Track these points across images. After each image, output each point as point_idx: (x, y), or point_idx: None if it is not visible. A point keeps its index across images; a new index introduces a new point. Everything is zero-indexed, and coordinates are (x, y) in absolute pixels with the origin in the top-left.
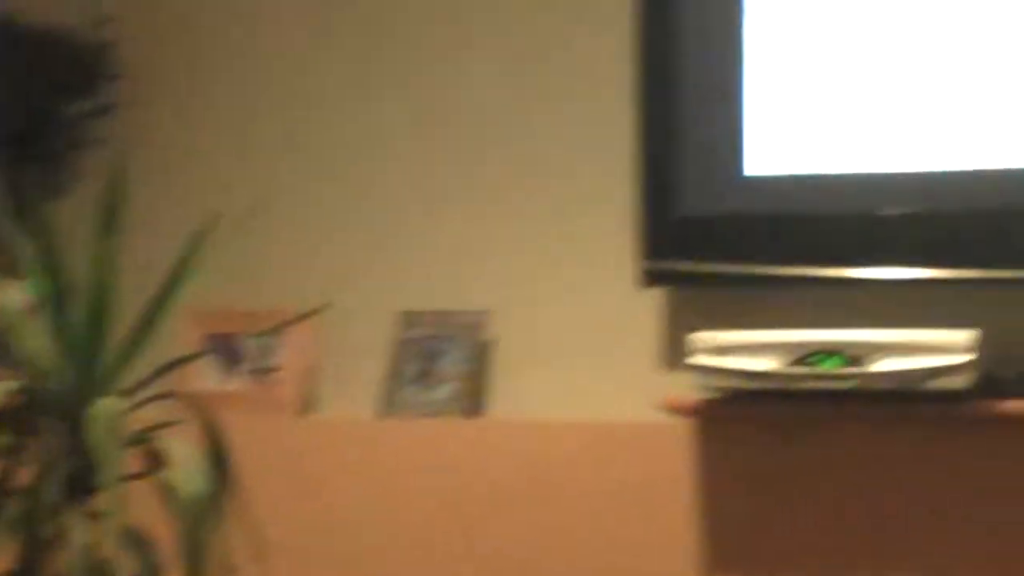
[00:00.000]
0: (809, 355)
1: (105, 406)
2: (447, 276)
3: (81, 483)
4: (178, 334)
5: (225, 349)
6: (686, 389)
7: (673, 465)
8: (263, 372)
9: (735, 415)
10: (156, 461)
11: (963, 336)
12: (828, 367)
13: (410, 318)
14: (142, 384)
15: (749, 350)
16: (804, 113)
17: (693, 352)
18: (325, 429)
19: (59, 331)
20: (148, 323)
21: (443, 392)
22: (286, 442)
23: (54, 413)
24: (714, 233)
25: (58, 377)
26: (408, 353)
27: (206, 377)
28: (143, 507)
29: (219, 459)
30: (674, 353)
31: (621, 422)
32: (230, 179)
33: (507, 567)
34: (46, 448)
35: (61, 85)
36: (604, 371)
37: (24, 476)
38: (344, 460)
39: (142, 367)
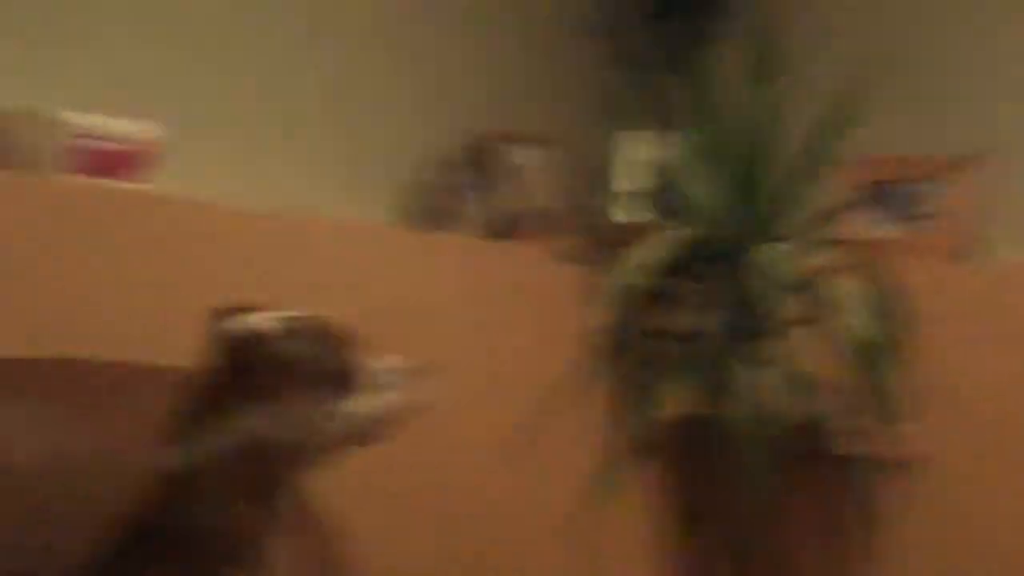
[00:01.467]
0: None
1: (767, 252)
2: None
3: (745, 329)
4: (836, 180)
5: (883, 195)
6: None
7: None
8: (921, 218)
9: None
10: (820, 306)
11: None
12: None
13: None
14: (802, 230)
15: None
16: None
17: None
18: (987, 276)
19: (718, 179)
20: (806, 170)
21: None
22: (946, 289)
23: (717, 260)
24: None
25: (719, 225)
26: None
27: (864, 223)
28: (808, 351)
29: (887, 304)
30: None
31: None
32: (891, 19)
33: None
34: (710, 294)
35: None
36: None
37: (689, 322)
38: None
39: (801, 213)
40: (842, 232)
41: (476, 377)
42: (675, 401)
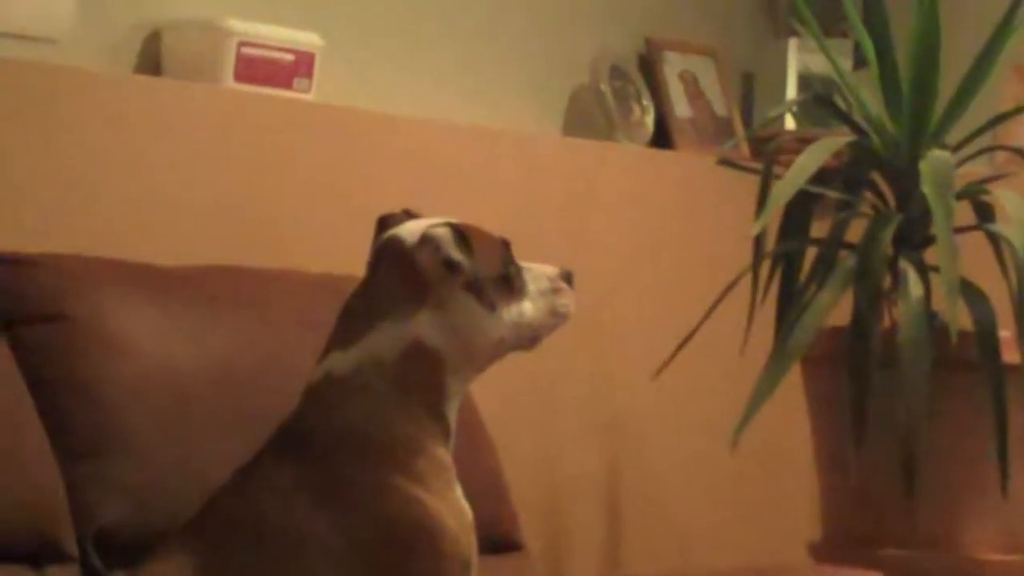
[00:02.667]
0: None
1: (935, 159)
2: None
3: (913, 236)
4: (1001, 88)
5: None
6: None
7: None
8: None
9: None
10: (986, 214)
11: None
12: None
13: None
14: (969, 138)
15: None
16: None
17: None
18: None
19: (886, 87)
20: (974, 78)
21: None
22: None
23: (884, 167)
24: None
25: (887, 132)
26: None
27: None
28: (974, 259)
29: None
30: None
31: None
32: None
33: None
34: (878, 202)
35: None
36: None
37: (856, 230)
38: None
39: (968, 121)
40: (1007, 139)
41: (642, 286)
42: (842, 309)
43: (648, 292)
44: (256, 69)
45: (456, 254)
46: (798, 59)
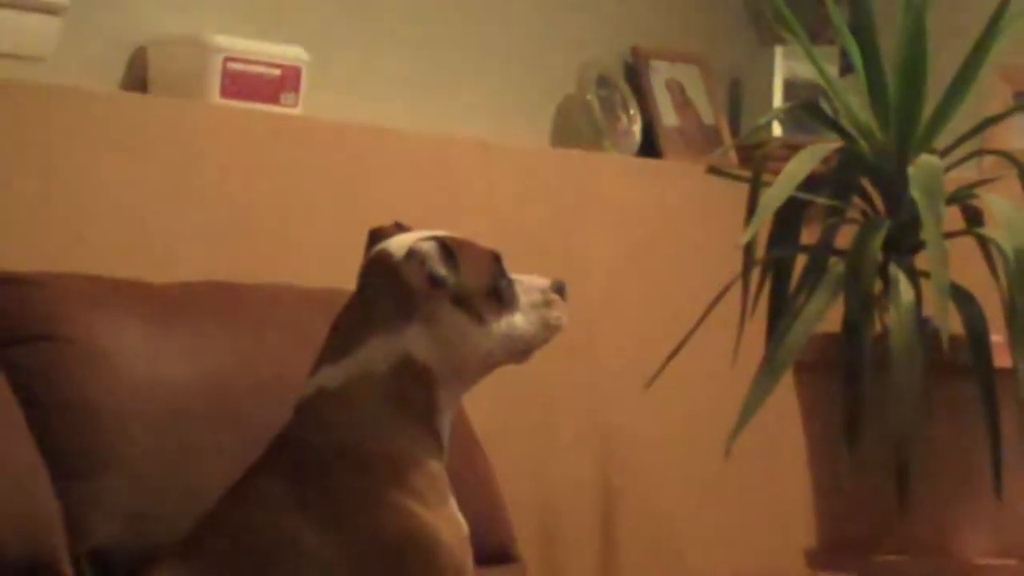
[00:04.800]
0: None
1: (924, 164)
2: None
3: (902, 241)
4: (988, 92)
5: None
6: None
7: None
8: None
9: None
10: (975, 218)
11: None
12: None
13: None
14: (957, 143)
15: None
16: None
17: None
18: None
19: (874, 92)
20: (961, 82)
21: None
22: None
23: (873, 173)
24: None
25: (875, 138)
26: None
27: (1017, 134)
28: (964, 264)
29: None
30: None
31: None
32: None
33: None
34: (867, 207)
35: None
36: None
37: (846, 235)
38: None
39: (955, 126)
40: (995, 143)
41: (632, 295)
42: (833, 315)
43: (639, 301)
44: (242, 84)
45: (440, 269)
46: (785, 66)
